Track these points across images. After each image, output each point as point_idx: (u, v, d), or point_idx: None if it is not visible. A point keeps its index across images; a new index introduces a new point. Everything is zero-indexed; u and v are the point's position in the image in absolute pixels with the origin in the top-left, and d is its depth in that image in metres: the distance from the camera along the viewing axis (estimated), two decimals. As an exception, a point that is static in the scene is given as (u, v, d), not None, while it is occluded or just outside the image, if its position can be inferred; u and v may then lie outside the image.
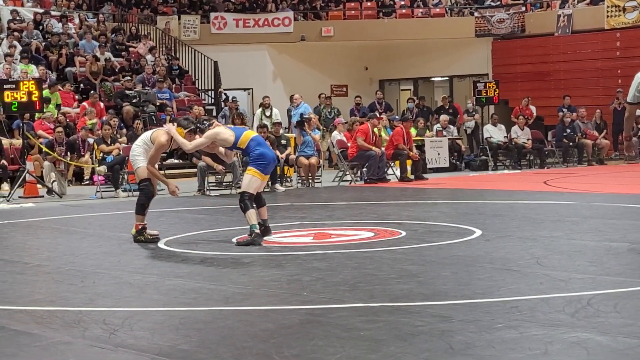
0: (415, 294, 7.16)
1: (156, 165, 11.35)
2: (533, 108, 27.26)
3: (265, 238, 10.59)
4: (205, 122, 11.03)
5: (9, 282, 8.43)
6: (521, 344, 5.46)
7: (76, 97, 24.56)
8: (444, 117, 25.35)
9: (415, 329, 5.93)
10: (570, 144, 25.41)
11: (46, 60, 25.58)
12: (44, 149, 19.11)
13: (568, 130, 25.39)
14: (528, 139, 24.93)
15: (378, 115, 21.83)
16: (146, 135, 11.27)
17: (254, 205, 10.55)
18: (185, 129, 10.93)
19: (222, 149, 11.24)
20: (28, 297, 7.72)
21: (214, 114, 27.14)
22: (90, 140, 20.92)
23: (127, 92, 24.09)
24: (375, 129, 20.51)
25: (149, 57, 27.35)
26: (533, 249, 9.32)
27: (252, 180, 10.63)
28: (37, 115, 21.06)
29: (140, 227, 10.91)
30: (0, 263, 9.53)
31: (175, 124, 11.29)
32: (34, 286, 8.37)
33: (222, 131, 10.90)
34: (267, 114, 23.23)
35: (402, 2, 32.75)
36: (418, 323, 6.08)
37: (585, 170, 23.38)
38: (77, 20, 28.51)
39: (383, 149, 20.45)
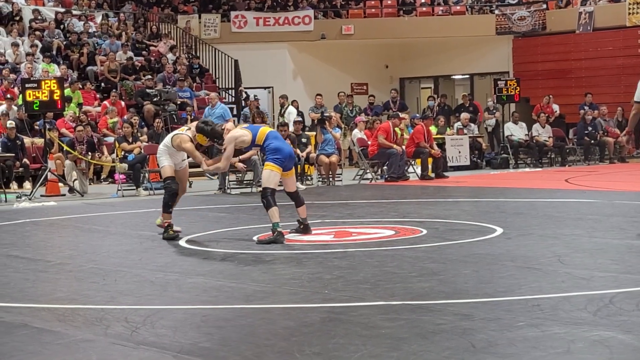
0: (436, 292, 7.15)
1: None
2: (556, 106, 27.16)
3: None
4: (221, 135, 10.94)
5: (31, 280, 8.48)
6: (543, 343, 5.44)
7: (97, 96, 24.66)
8: (464, 115, 25.28)
9: (436, 327, 5.92)
10: (592, 141, 25.31)
11: (67, 60, 25.68)
12: (65, 147, 19.17)
13: (589, 128, 25.29)
14: (549, 137, 24.84)
15: (400, 115, 21.78)
16: (167, 139, 11.31)
17: (276, 203, 10.54)
18: (208, 138, 10.97)
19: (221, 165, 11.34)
20: (50, 295, 7.76)
21: (234, 112, 27.18)
22: (111, 139, 21.02)
23: (147, 90, 24.14)
24: (397, 129, 20.49)
25: (170, 55, 27.41)
26: (555, 247, 9.29)
27: (271, 175, 10.64)
28: (65, 112, 21.18)
29: (167, 224, 10.99)
30: (23, 261, 9.58)
31: (194, 128, 11.23)
32: (56, 284, 8.40)
33: (240, 133, 10.92)
34: (282, 112, 23.22)
35: (423, 0, 32.69)
36: (439, 321, 6.07)
37: (607, 168, 23.28)
38: (98, 20, 28.59)
39: (403, 147, 20.42)
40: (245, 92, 27.43)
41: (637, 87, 10.82)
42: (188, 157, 11.49)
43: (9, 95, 22.00)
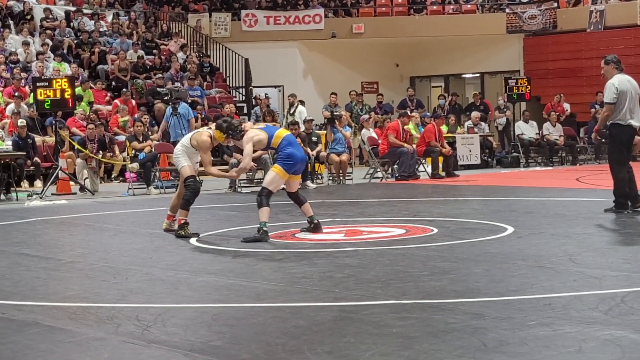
0: (447, 291, 7.14)
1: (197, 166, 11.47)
2: (567, 105, 27.11)
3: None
4: (237, 128, 10.98)
5: (42, 279, 8.49)
6: (555, 342, 5.43)
7: (108, 94, 24.70)
8: (475, 114, 25.26)
9: (447, 326, 5.91)
10: (603, 140, 25.22)
11: (78, 58, 25.73)
12: (77, 145, 19.20)
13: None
14: (560, 136, 24.81)
15: (409, 113, 21.76)
16: (186, 139, 11.34)
17: (270, 204, 10.57)
18: (224, 133, 10.98)
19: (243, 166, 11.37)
20: (62, 293, 7.77)
21: (245, 111, 27.21)
22: (122, 138, 21.05)
23: (158, 89, 24.16)
24: (410, 126, 20.48)
25: (180, 54, 27.44)
26: (566, 246, 9.27)
27: (275, 178, 10.69)
28: (75, 111, 21.24)
29: (182, 222, 11.02)
30: (34, 260, 9.59)
31: (214, 126, 11.27)
32: (67, 282, 8.42)
33: (257, 133, 10.94)
34: (292, 112, 23.21)
35: (433, -1, 32.71)
36: (451, 320, 6.06)
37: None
38: (109, 18, 28.64)
39: (414, 145, 20.42)
40: (253, 95, 27.42)
41: (606, 89, 11.79)
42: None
43: (16, 94, 22.05)
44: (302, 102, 25.19)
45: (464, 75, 34.04)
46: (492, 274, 7.85)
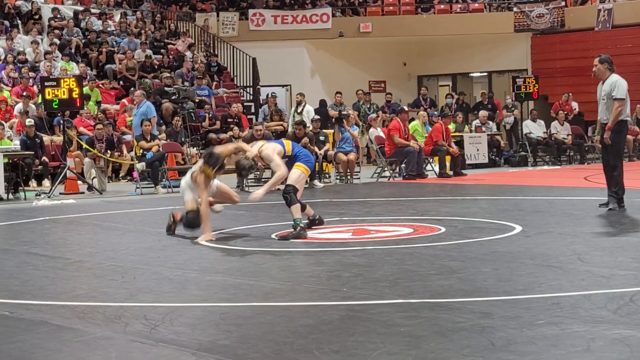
0: (455, 290, 7.14)
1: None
2: (575, 104, 27.06)
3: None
4: (219, 157, 10.85)
5: (50, 278, 8.51)
6: (563, 341, 5.42)
7: (117, 89, 24.75)
8: (482, 113, 25.24)
9: (455, 325, 5.90)
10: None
11: (86, 58, 25.77)
12: (84, 145, 19.23)
13: (608, 126, 25.16)
14: (568, 135, 24.77)
15: (406, 109, 21.75)
16: (188, 176, 11.23)
17: (299, 200, 10.64)
18: (214, 168, 10.83)
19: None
20: (70, 292, 7.78)
21: (252, 110, 27.22)
22: (129, 137, 21.07)
23: (166, 89, 24.19)
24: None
25: (188, 54, 27.46)
26: (574, 245, 9.25)
27: (300, 176, 10.83)
28: (82, 110, 21.29)
29: (174, 218, 11.15)
30: (42, 259, 9.61)
31: (203, 162, 11.09)
32: (75, 282, 8.43)
33: (275, 147, 10.94)
34: (299, 110, 23.21)
35: (441, -2, 32.68)
36: (458, 319, 6.06)
37: (626, 165, 22.98)
38: (116, 18, 28.68)
39: (421, 143, 20.41)
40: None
41: (616, 85, 12.06)
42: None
43: (24, 93, 22.10)
44: (324, 103, 25.19)
45: (471, 74, 34.02)
46: (500, 273, 7.84)
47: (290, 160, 11.06)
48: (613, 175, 12.44)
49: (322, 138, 19.96)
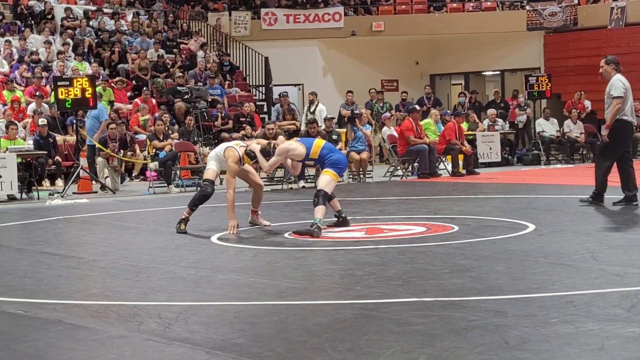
0: (468, 288, 7.13)
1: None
2: (587, 102, 26.98)
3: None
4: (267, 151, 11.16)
5: (64, 277, 8.53)
6: (577, 339, 5.41)
7: (128, 93, 24.79)
8: (491, 111, 25.21)
9: (469, 323, 5.90)
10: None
11: (98, 57, 25.82)
12: (98, 145, 19.27)
13: (621, 124, 25.10)
14: (581, 133, 24.71)
15: (418, 108, 21.76)
16: (220, 149, 11.43)
17: (325, 204, 10.73)
18: (252, 160, 11.19)
19: (289, 162, 11.42)
20: (84, 291, 7.81)
21: (265, 109, 27.23)
22: (142, 137, 21.11)
23: (178, 88, 24.22)
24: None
25: (200, 53, 27.48)
26: (587, 244, 9.24)
27: (331, 181, 10.92)
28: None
29: (183, 216, 11.25)
30: (56, 258, 9.64)
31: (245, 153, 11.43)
32: (89, 281, 8.46)
33: (293, 146, 11.12)
34: (312, 110, 23.23)
35: (453, -4, 32.63)
36: (472, 318, 6.05)
37: (639, 164, 23.08)
38: (129, 17, 28.73)
39: (430, 140, 20.41)
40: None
41: (613, 85, 12.47)
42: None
43: (37, 93, 22.15)
44: (353, 110, 25.15)
45: (484, 73, 33.95)
46: (513, 272, 7.83)
47: (317, 163, 11.13)
48: (602, 172, 12.72)
49: (334, 137, 19.94)
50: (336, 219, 11.17)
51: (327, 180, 10.85)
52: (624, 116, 12.49)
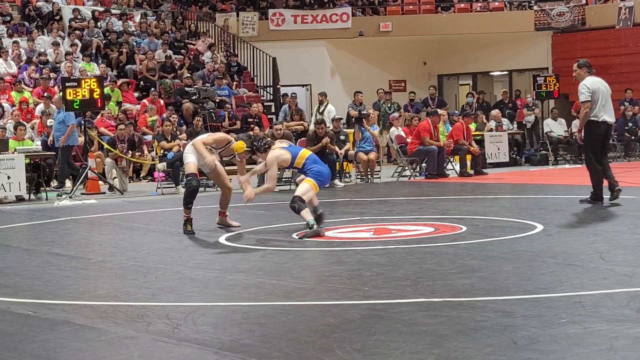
0: (477, 289, 7.13)
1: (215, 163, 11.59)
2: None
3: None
4: (261, 141, 11.34)
5: (73, 278, 8.55)
6: (586, 340, 5.41)
7: (136, 94, 24.81)
8: (495, 112, 25.17)
9: (477, 324, 5.90)
10: (632, 137, 25.10)
11: (106, 58, 25.85)
12: (106, 145, 19.29)
13: (630, 124, 25.10)
14: (589, 133, 24.63)
15: (439, 112, 21.77)
16: (201, 137, 11.66)
17: (306, 206, 10.77)
18: (249, 147, 11.39)
19: (258, 168, 11.85)
20: (92, 292, 7.82)
21: (273, 110, 27.23)
22: (150, 137, 21.13)
23: (186, 89, 24.24)
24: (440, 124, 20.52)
25: (208, 54, 27.50)
26: (596, 244, 9.22)
27: (309, 190, 10.92)
28: (103, 111, 21.35)
29: (185, 218, 11.33)
30: (64, 259, 9.65)
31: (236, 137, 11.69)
32: (97, 281, 8.48)
33: (282, 154, 11.22)
34: (321, 110, 23.22)
35: (461, -3, 32.60)
36: (480, 318, 6.05)
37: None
38: (137, 18, 28.76)
39: (444, 141, 20.41)
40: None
41: (579, 90, 13.27)
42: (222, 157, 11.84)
43: (45, 94, 22.19)
44: (361, 110, 25.17)
45: (492, 73, 33.91)
46: (521, 272, 7.83)
47: (300, 172, 11.25)
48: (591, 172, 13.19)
49: (342, 137, 19.95)
50: (313, 212, 11.18)
51: (305, 188, 10.90)
52: (594, 117, 13.02)
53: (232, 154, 11.69)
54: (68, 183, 19.29)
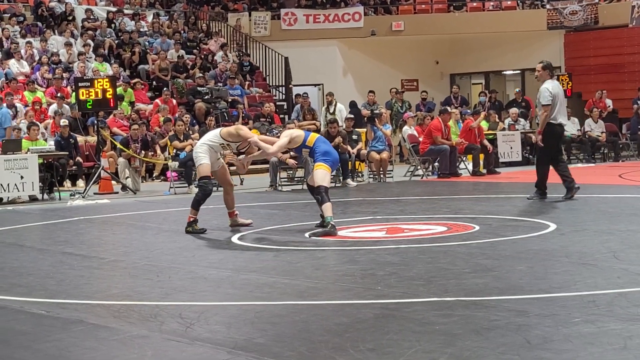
0: (490, 288, 7.12)
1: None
2: (609, 101, 26.87)
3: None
4: (274, 129, 11.59)
5: (86, 277, 8.57)
6: (599, 339, 5.39)
7: (148, 94, 24.85)
8: (513, 110, 25.12)
9: (491, 323, 5.89)
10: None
11: (119, 58, 25.90)
12: (118, 145, 19.33)
13: (643, 123, 25.02)
14: (602, 132, 24.61)
15: (449, 110, 21.73)
16: (212, 135, 11.55)
17: (330, 199, 10.78)
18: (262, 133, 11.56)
19: (256, 153, 11.68)
20: (105, 291, 7.83)
21: (285, 109, 27.24)
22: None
23: (199, 89, 24.27)
24: (450, 123, 20.47)
25: (220, 53, 27.52)
26: (609, 243, 9.20)
27: (326, 175, 11.03)
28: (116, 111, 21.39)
29: (191, 219, 11.36)
30: (78, 258, 9.67)
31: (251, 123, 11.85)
32: (110, 281, 8.49)
33: (296, 131, 11.66)
34: (331, 110, 23.22)
35: (473, -4, 32.56)
36: (494, 317, 6.04)
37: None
38: (149, 18, 28.80)
39: (458, 139, 20.39)
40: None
41: (540, 92, 13.80)
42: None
43: (58, 94, 22.24)
44: (354, 104, 25.07)
45: (504, 72, 33.86)
46: (534, 271, 7.81)
47: (310, 153, 11.31)
48: (541, 174, 13.92)
49: (355, 137, 19.93)
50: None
51: (322, 174, 10.98)
52: (552, 120, 13.68)
53: (248, 145, 11.69)
54: (81, 183, 19.33)
